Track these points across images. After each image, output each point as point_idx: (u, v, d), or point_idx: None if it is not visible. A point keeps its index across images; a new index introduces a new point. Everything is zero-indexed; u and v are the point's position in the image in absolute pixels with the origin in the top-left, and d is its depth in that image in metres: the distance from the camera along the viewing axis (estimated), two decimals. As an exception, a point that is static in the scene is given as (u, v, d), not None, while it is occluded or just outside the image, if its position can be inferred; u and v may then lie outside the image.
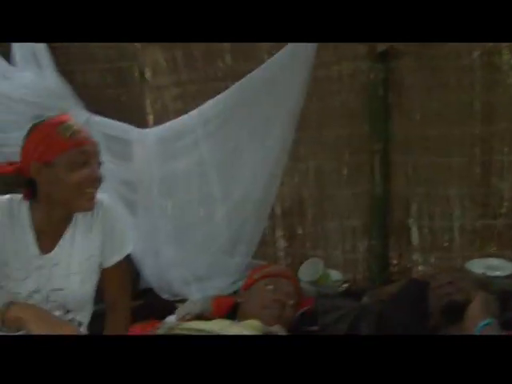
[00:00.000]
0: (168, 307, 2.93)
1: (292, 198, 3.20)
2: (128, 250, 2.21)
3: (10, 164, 2.02)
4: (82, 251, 2.10)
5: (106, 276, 2.17)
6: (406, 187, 3.02)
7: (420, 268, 3.06)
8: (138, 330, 2.45)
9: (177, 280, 3.13)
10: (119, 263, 2.16)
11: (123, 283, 2.22)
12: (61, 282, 2.08)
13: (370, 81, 2.93)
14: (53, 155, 1.91)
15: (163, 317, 2.68)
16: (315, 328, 2.37)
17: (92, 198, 2.00)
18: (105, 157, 3.11)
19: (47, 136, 1.93)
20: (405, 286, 2.56)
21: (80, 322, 2.17)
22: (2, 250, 2.04)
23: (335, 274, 3.00)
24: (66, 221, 2.09)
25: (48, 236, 2.07)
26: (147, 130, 3.10)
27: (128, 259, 3.00)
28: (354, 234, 3.11)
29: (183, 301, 2.99)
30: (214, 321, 2.32)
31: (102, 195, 2.13)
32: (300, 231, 3.24)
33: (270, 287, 2.48)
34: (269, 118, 2.85)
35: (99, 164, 2.02)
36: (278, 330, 2.21)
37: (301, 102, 2.83)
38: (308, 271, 2.90)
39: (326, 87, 3.06)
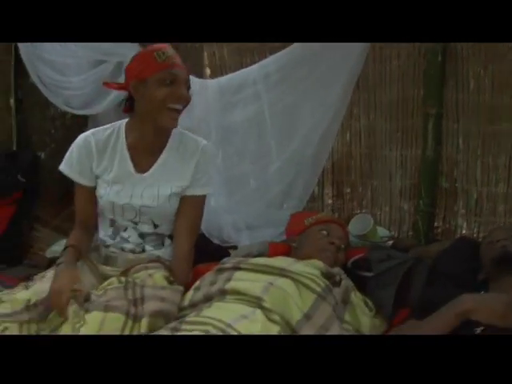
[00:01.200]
0: (218, 252, 3.00)
1: (343, 155, 3.29)
2: (209, 190, 2.47)
3: (116, 83, 2.47)
4: (174, 178, 2.36)
5: (183, 203, 2.40)
6: (456, 152, 3.10)
7: (464, 232, 3.15)
8: (200, 269, 2.53)
9: (228, 226, 3.22)
10: (198, 197, 2.41)
11: (200, 213, 2.47)
12: (151, 201, 2.35)
13: (429, 47, 3.00)
14: (147, 74, 2.22)
15: (214, 260, 2.75)
16: (370, 274, 2.45)
17: (174, 114, 2.29)
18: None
19: (146, 59, 2.26)
20: (456, 243, 2.64)
21: (164, 234, 2.45)
22: (109, 161, 2.39)
23: (382, 231, 3.09)
24: (159, 145, 2.39)
25: (142, 157, 2.38)
26: (209, 80, 3.18)
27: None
28: (401, 194, 3.20)
29: (234, 247, 3.10)
30: (278, 258, 2.43)
31: (205, 141, 2.46)
32: (349, 188, 3.33)
33: (324, 232, 2.58)
34: (328, 78, 2.93)
35: (187, 87, 2.31)
36: (338, 271, 2.31)
37: (360, 64, 2.92)
38: (357, 226, 2.97)
39: (385, 52, 3.15)
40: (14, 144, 3.83)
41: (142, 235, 2.42)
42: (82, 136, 2.46)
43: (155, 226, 2.43)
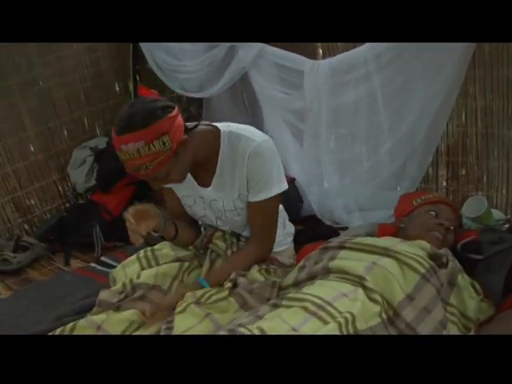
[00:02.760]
0: (330, 233, 3.02)
1: (458, 136, 3.19)
2: (275, 191, 2.26)
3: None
4: (233, 189, 2.27)
5: (251, 209, 2.31)
6: None
7: None
8: (308, 249, 2.56)
9: (339, 208, 3.23)
10: (265, 201, 2.26)
11: (264, 220, 2.34)
12: (220, 214, 2.34)
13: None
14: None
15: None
16: (479, 257, 2.38)
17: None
18: (276, 86, 3.27)
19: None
20: None
21: (246, 236, 2.44)
22: None
23: (497, 213, 2.99)
24: (211, 160, 2.25)
25: (201, 174, 2.30)
26: (319, 61, 3.17)
27: (293, 186, 3.17)
28: (518, 175, 3.08)
29: (344, 228, 3.10)
30: (384, 238, 2.41)
31: (259, 136, 2.25)
32: (463, 169, 3.24)
33: (433, 213, 2.52)
34: (441, 55, 2.85)
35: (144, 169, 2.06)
36: (445, 252, 2.26)
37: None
38: (471, 208, 2.89)
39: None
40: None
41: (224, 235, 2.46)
42: None
43: (238, 235, 2.45)
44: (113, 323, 2.06)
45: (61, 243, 3.63)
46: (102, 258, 3.38)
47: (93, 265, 3.33)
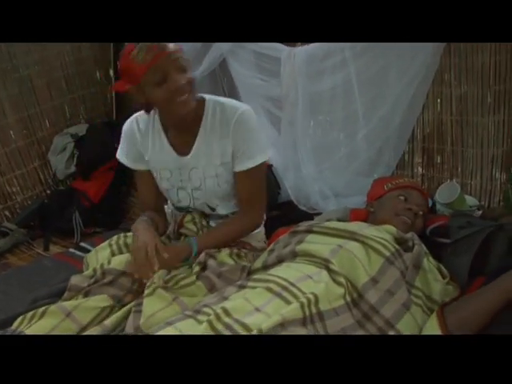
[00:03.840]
0: (304, 218, 3.02)
1: (433, 123, 3.22)
2: (261, 159, 2.32)
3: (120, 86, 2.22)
4: (215, 156, 2.30)
5: (239, 179, 2.36)
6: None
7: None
8: (281, 232, 2.59)
9: (315, 194, 3.25)
10: (252, 169, 2.31)
11: (253, 188, 2.38)
12: (199, 183, 2.35)
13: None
14: (137, 79, 2.09)
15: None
16: (447, 241, 2.41)
17: (185, 103, 2.14)
18: (253, 73, 3.29)
19: (127, 64, 2.10)
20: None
21: (224, 214, 2.48)
22: (150, 151, 2.39)
23: (471, 200, 3.02)
24: (193, 123, 2.30)
25: (181, 141, 2.33)
26: (296, 48, 3.19)
27: (270, 172, 3.19)
28: (493, 162, 3.10)
29: (319, 214, 3.10)
30: (352, 222, 2.44)
31: (242, 106, 2.31)
32: (439, 157, 3.26)
33: (402, 198, 2.55)
34: (415, 43, 2.87)
35: (182, 69, 2.12)
36: (412, 236, 2.29)
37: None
38: (444, 194, 2.91)
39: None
40: (114, 113, 4.02)
41: (202, 215, 2.50)
42: (127, 121, 2.46)
43: (212, 210, 2.47)
44: (83, 310, 2.07)
45: (41, 229, 3.65)
46: (81, 244, 3.39)
47: (72, 250, 3.33)
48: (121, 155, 2.49)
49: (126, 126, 2.45)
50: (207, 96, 2.33)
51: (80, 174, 3.84)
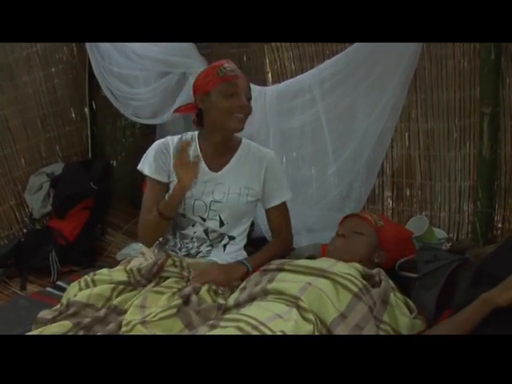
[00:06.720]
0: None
1: (402, 158, 3.30)
2: (287, 196, 2.73)
3: (188, 105, 2.73)
4: (244, 180, 2.63)
5: (270, 214, 2.75)
6: (514, 151, 3.05)
7: (525, 232, 3.09)
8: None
9: (288, 230, 3.29)
10: (280, 205, 2.72)
11: (284, 219, 2.77)
12: (222, 196, 2.57)
13: (482, 45, 2.95)
14: (210, 87, 2.49)
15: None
16: (414, 275, 2.46)
17: (240, 121, 2.53)
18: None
19: (208, 74, 2.53)
20: (505, 243, 2.59)
21: (227, 234, 2.65)
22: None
23: (440, 232, 3.09)
24: (230, 151, 2.66)
25: (215, 160, 2.64)
26: (267, 87, 3.27)
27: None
28: (460, 195, 3.18)
29: (292, 249, 3.16)
30: (321, 259, 2.49)
31: (269, 150, 2.77)
32: (408, 190, 3.34)
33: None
34: (382, 79, 2.96)
35: (248, 97, 2.55)
36: (378, 272, 2.34)
37: (414, 65, 2.94)
38: (414, 227, 2.97)
39: (439, 51, 3.14)
40: (89, 153, 4.06)
41: (206, 231, 2.61)
42: (160, 140, 2.71)
43: (221, 224, 2.61)
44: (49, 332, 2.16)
45: (18, 268, 3.66)
46: (58, 283, 3.40)
47: (48, 289, 3.34)
48: (142, 165, 2.65)
49: (159, 142, 2.69)
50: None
51: (56, 213, 3.86)
